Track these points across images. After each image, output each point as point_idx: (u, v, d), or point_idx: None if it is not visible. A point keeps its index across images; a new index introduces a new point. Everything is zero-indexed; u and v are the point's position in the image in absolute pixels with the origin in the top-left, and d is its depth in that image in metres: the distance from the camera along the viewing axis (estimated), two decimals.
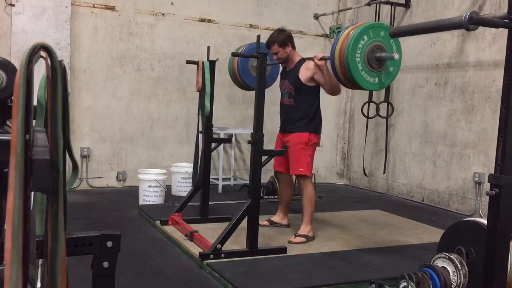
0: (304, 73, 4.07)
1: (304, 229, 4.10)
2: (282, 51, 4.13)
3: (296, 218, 4.44)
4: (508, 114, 2.19)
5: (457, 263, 2.65)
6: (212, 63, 4.44)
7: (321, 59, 3.88)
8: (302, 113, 4.11)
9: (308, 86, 4.08)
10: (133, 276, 3.19)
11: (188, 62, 4.68)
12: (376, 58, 3.34)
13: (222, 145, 5.95)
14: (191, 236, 3.92)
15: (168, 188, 5.73)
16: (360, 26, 3.37)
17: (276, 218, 4.53)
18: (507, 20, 2.17)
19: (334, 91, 4.07)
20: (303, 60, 4.16)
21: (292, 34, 4.25)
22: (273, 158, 4.41)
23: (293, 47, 4.19)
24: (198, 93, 4.46)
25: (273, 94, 4.37)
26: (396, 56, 3.31)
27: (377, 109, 6.38)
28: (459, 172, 5.68)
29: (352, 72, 3.31)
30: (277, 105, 4.49)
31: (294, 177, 4.36)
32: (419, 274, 2.63)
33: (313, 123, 4.15)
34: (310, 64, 4.04)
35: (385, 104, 6.35)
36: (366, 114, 6.46)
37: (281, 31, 4.19)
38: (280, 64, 4.32)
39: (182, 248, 3.83)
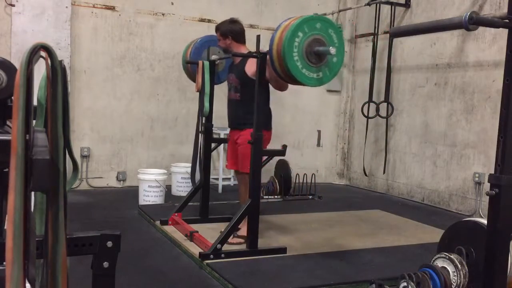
0: (251, 67, 3.88)
1: (245, 230, 3.76)
2: (222, 41, 4.06)
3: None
4: (508, 114, 2.19)
5: (457, 263, 2.65)
6: (212, 63, 4.44)
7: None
8: (250, 109, 3.77)
9: (254, 80, 3.77)
10: (133, 276, 3.19)
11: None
12: (315, 52, 3.19)
13: (222, 145, 5.95)
14: (191, 236, 3.92)
15: (168, 188, 5.72)
16: (293, 22, 3.18)
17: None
18: (507, 20, 2.17)
19: (281, 87, 3.85)
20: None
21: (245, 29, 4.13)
22: (227, 157, 4.30)
23: (236, 41, 4.03)
24: (198, 93, 4.46)
25: (273, 94, 4.35)
26: (332, 50, 3.14)
27: (377, 109, 6.38)
28: (459, 172, 5.68)
29: (292, 71, 3.17)
30: (275, 105, 4.46)
31: None
32: (419, 274, 2.63)
33: (263, 119, 3.85)
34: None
35: (385, 104, 6.35)
36: (366, 114, 6.46)
37: (231, 22, 4.09)
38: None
39: (182, 248, 3.83)
